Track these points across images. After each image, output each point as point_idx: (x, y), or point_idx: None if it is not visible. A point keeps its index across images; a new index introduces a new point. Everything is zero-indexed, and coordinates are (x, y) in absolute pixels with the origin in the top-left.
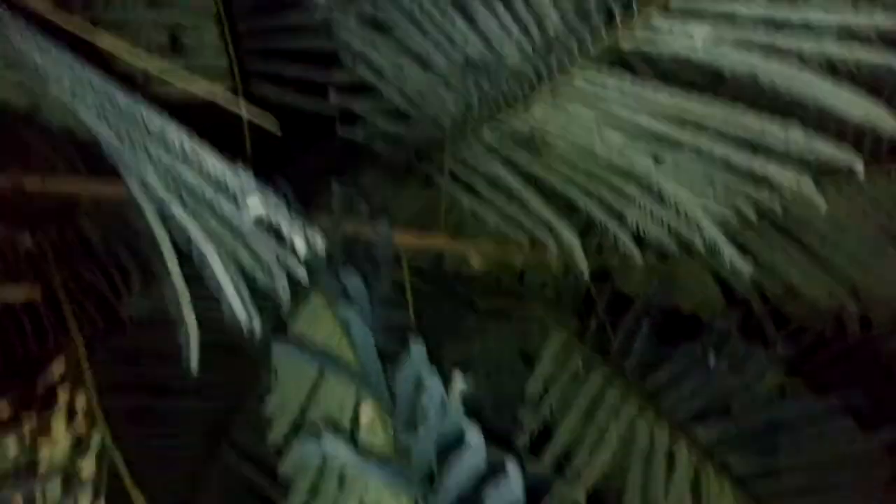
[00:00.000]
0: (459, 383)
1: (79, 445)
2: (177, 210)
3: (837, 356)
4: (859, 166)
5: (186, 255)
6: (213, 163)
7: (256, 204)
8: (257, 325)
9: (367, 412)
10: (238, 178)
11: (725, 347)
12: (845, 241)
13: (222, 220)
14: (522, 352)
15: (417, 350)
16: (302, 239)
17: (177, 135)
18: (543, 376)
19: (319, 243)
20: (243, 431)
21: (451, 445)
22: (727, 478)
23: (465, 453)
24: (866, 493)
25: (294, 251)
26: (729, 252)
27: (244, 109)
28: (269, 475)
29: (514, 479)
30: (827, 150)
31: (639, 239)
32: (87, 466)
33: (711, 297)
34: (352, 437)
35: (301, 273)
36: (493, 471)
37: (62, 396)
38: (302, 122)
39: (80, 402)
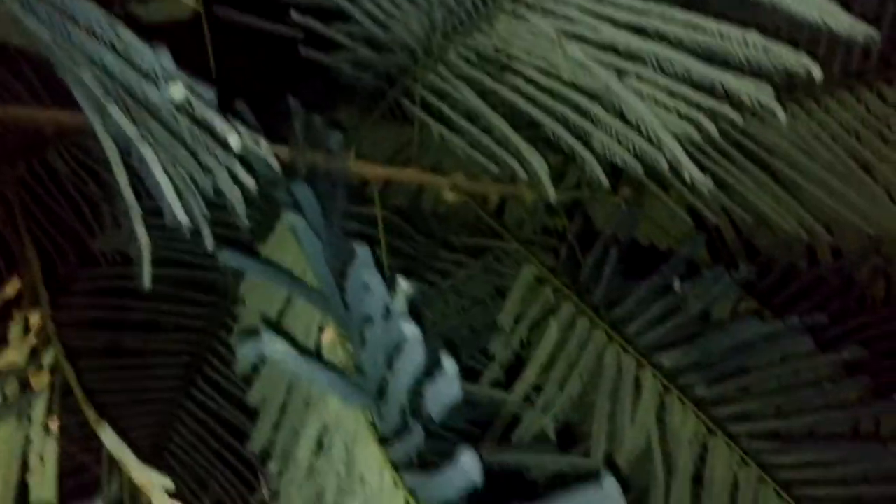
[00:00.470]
0: (403, 286)
1: (34, 358)
2: (112, 109)
3: (808, 287)
4: (817, 72)
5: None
6: (136, 47)
7: (179, 90)
8: (205, 231)
9: (329, 332)
10: (160, 62)
11: (693, 273)
12: (814, 166)
13: (162, 122)
14: (497, 287)
15: (363, 255)
16: (235, 134)
17: (100, 19)
18: (514, 308)
19: (264, 147)
20: (217, 368)
21: (397, 350)
22: (691, 403)
23: (404, 353)
24: (832, 414)
25: (233, 152)
26: (690, 169)
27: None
28: (244, 411)
29: (450, 374)
30: (786, 56)
31: (614, 172)
32: (41, 379)
33: (686, 233)
34: (318, 359)
35: (249, 180)
36: (432, 369)
37: (17, 313)
38: (280, 61)
39: (34, 320)
